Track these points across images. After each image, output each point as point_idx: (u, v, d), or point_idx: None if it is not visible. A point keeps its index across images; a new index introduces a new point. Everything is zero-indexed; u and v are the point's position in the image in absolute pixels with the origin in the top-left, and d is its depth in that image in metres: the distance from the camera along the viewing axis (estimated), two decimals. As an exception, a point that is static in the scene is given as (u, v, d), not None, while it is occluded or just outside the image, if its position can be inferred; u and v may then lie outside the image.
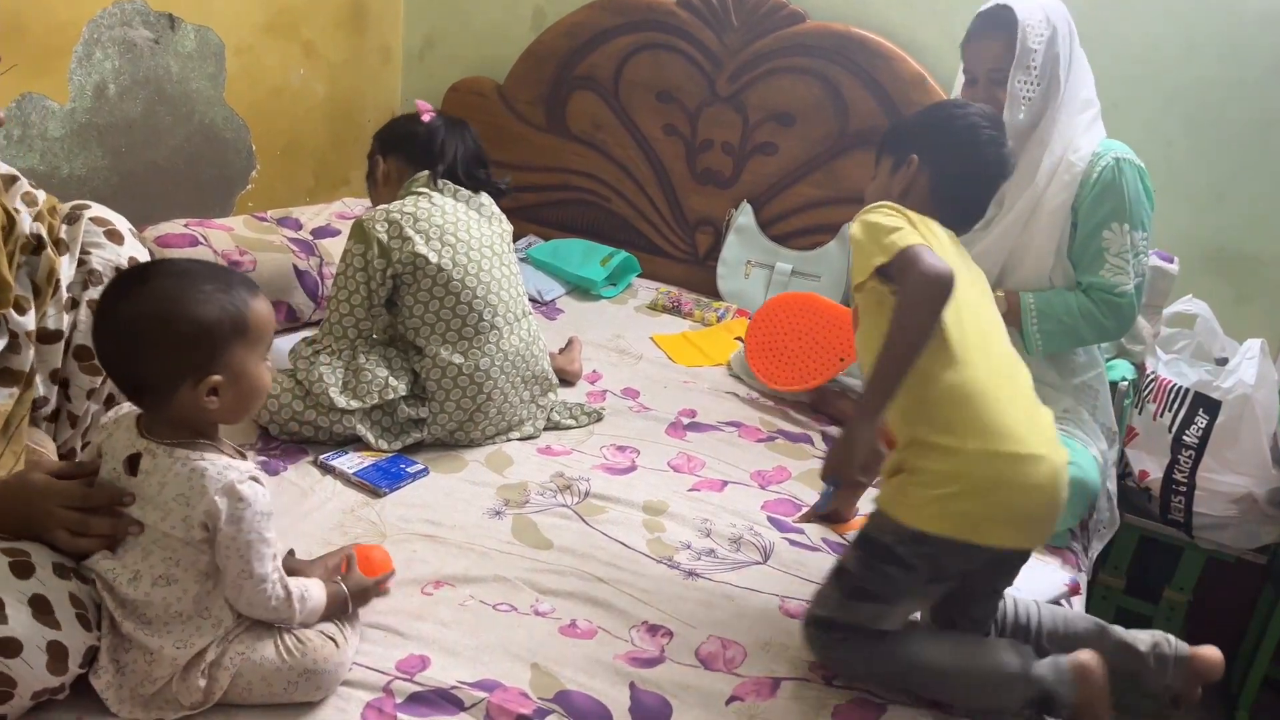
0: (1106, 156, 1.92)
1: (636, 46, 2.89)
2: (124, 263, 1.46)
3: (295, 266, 2.37)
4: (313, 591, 1.31)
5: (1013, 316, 1.96)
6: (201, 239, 2.29)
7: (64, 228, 1.46)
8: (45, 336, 1.40)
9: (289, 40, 2.84)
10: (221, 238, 2.32)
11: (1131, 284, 1.91)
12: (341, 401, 1.89)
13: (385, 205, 1.97)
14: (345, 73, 3.05)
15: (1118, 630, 1.47)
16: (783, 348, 2.35)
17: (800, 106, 2.73)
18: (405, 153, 2.08)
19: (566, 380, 2.30)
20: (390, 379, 1.94)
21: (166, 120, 2.57)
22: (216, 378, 1.21)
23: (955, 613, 1.47)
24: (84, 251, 1.45)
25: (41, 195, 1.48)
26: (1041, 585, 1.71)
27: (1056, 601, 1.72)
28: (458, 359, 1.95)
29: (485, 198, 2.11)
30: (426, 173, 2.04)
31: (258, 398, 1.28)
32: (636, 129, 2.97)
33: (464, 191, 2.06)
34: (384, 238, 1.92)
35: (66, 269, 1.43)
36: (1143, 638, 1.45)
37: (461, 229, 1.99)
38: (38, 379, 1.43)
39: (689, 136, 2.91)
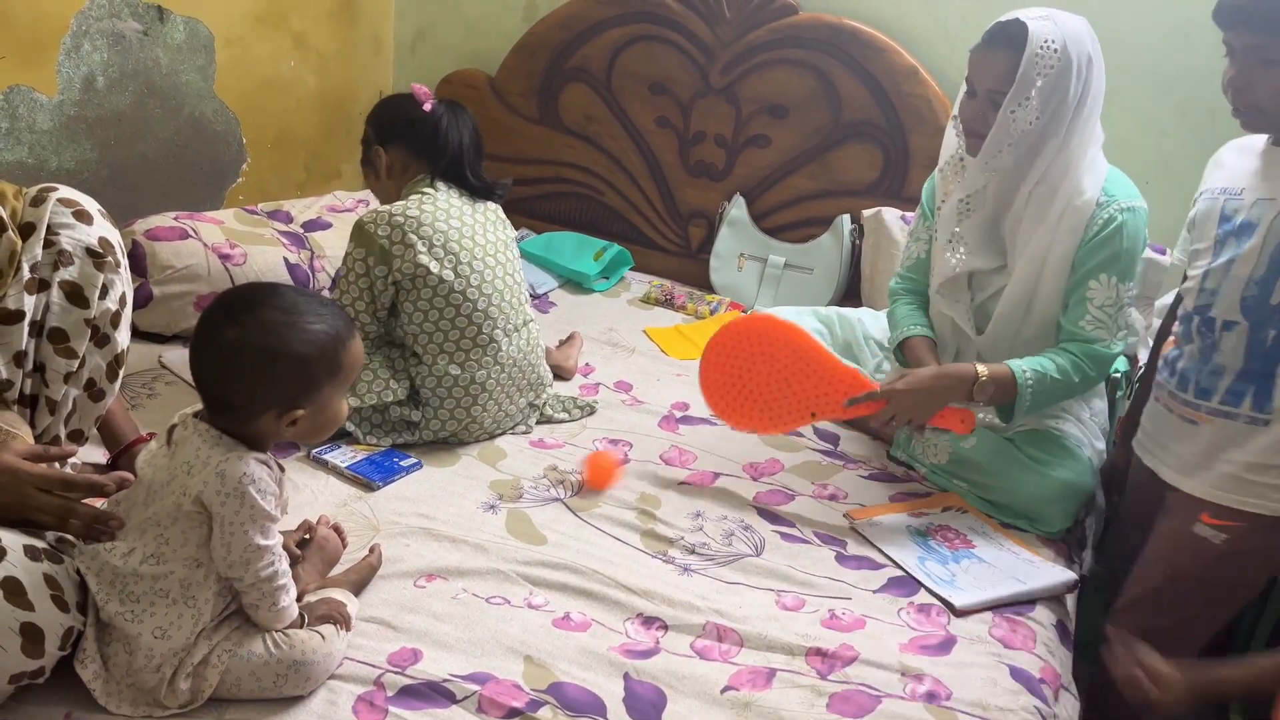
0: (1111, 206, 1.80)
1: (629, 38, 2.88)
2: (94, 243, 1.44)
3: (286, 260, 2.35)
4: (293, 596, 1.32)
5: (1004, 392, 1.79)
6: (191, 232, 2.27)
7: (29, 210, 1.44)
8: (6, 318, 1.38)
9: (279, 31, 2.82)
10: (211, 231, 2.31)
11: (1114, 340, 1.83)
12: None
13: (388, 207, 1.93)
14: (336, 64, 3.03)
15: None
16: (744, 375, 1.88)
17: (793, 98, 2.72)
18: (406, 143, 2.00)
19: (561, 375, 2.29)
20: (392, 381, 1.93)
21: (156, 113, 2.55)
22: (301, 411, 1.27)
23: None
24: (52, 232, 1.43)
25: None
26: (1047, 583, 1.71)
27: (1058, 598, 1.72)
28: (455, 370, 1.94)
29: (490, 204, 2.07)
30: (428, 173, 1.99)
31: (332, 428, 1.34)
32: (629, 121, 2.96)
33: (467, 194, 2.02)
34: (385, 243, 1.88)
35: (32, 251, 1.41)
36: None
37: (466, 235, 1.96)
38: None
39: (681, 129, 2.90)
